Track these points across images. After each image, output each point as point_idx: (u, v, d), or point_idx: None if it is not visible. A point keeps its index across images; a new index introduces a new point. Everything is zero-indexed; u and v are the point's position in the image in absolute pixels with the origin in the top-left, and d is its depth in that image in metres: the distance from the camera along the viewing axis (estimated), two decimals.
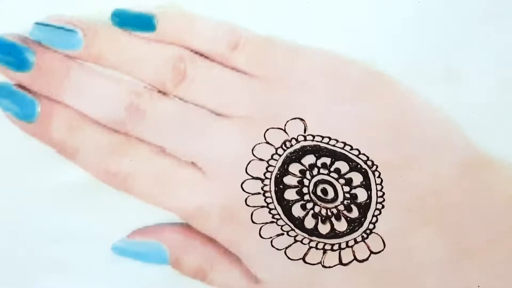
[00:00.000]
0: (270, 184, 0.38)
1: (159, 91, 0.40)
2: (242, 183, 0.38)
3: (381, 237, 0.37)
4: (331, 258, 0.36)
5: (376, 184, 0.38)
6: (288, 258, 0.37)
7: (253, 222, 0.37)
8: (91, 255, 0.37)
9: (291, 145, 0.39)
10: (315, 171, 0.38)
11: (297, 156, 0.38)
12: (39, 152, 0.39)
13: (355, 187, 0.38)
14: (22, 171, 0.38)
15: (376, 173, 0.38)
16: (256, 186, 0.38)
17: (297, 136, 0.39)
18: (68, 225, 0.37)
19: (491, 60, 0.40)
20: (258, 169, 0.38)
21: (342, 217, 0.37)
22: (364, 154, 0.38)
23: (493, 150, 0.39)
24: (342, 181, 0.38)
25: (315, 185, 0.38)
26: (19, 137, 0.39)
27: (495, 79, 0.40)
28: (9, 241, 0.37)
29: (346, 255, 0.37)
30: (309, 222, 0.37)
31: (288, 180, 0.38)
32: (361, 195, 0.38)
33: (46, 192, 0.38)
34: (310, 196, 0.37)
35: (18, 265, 0.36)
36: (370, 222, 0.37)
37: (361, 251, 0.37)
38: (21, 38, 0.41)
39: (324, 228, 0.37)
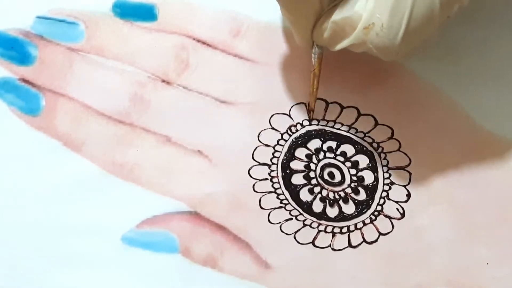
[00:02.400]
0: (277, 170, 0.38)
1: (163, 81, 0.40)
2: (249, 169, 0.38)
3: (389, 218, 0.36)
4: (340, 241, 0.37)
5: (383, 166, 0.38)
6: (298, 242, 0.37)
7: (261, 207, 0.38)
8: (101, 246, 0.37)
9: (297, 130, 0.39)
10: (321, 155, 0.38)
11: (303, 141, 0.39)
12: (45, 146, 0.38)
13: (362, 170, 0.38)
14: (29, 165, 0.39)
15: (382, 155, 0.38)
16: (263, 172, 0.38)
17: (302, 121, 0.39)
18: (77, 217, 0.38)
19: (493, 39, 0.40)
20: (264, 155, 0.39)
21: (349, 200, 0.37)
22: (369, 137, 0.38)
23: (497, 129, 0.39)
24: (348, 164, 0.38)
25: (322, 169, 0.38)
26: (25, 131, 0.39)
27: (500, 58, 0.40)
28: (18, 235, 0.37)
29: (355, 238, 0.37)
30: (317, 206, 0.38)
31: (295, 165, 0.38)
32: (368, 177, 0.38)
33: (53, 185, 0.39)
34: (317, 180, 0.38)
35: (28, 258, 0.37)
36: (378, 204, 0.37)
37: (370, 233, 0.37)
38: (23, 32, 0.42)
39: (332, 212, 0.38)
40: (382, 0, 0.32)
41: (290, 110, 0.40)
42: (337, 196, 0.38)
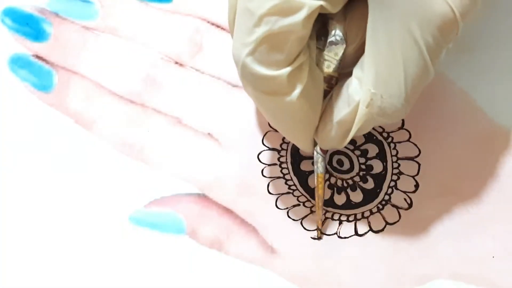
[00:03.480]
0: (286, 155, 0.38)
1: (176, 63, 0.41)
2: (258, 154, 0.38)
3: (396, 208, 0.36)
4: (347, 228, 0.37)
5: (392, 156, 0.38)
6: (304, 228, 0.38)
7: (269, 193, 0.38)
8: (109, 226, 0.38)
9: None
10: None
11: None
12: (56, 123, 0.39)
13: (371, 159, 0.38)
14: (40, 141, 0.39)
15: (392, 145, 0.38)
16: (272, 157, 0.38)
17: None
18: (86, 195, 0.39)
19: (506, 31, 0.40)
20: (274, 140, 0.38)
21: (357, 188, 0.37)
22: (379, 126, 0.38)
23: (508, 122, 0.39)
24: (357, 152, 0.38)
25: (331, 156, 0.37)
26: (37, 107, 0.39)
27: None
28: (26, 211, 0.38)
29: (362, 226, 0.38)
30: (325, 193, 0.38)
31: None
32: (377, 166, 0.38)
33: (63, 163, 0.39)
34: (326, 167, 0.37)
35: (35, 235, 0.37)
36: (386, 193, 0.37)
37: (376, 222, 0.38)
38: (38, 9, 0.42)
39: (339, 199, 0.38)
40: (375, 77, 0.31)
41: None
42: (345, 184, 0.38)
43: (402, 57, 0.31)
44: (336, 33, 0.33)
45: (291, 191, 0.38)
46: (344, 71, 0.34)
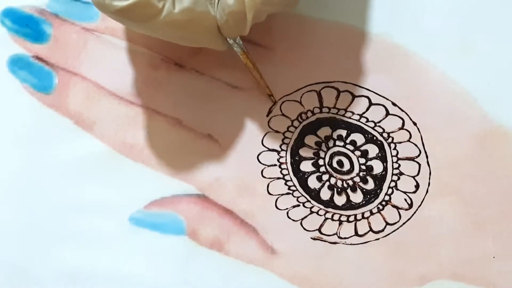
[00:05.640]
0: (286, 156, 0.38)
1: (176, 64, 0.40)
2: (258, 155, 0.38)
3: (397, 209, 0.36)
4: (347, 229, 0.38)
5: (392, 156, 0.38)
6: (304, 229, 0.38)
7: (269, 193, 0.39)
8: (109, 226, 0.38)
9: (307, 117, 0.39)
10: (331, 143, 0.38)
11: (312, 128, 0.38)
12: (56, 124, 0.39)
13: (371, 159, 0.38)
14: (40, 143, 0.39)
15: (392, 145, 0.37)
16: (272, 157, 0.38)
17: (313, 108, 0.39)
18: (86, 196, 0.39)
19: (507, 31, 0.39)
20: (274, 141, 0.38)
21: (358, 189, 0.37)
22: (380, 126, 0.38)
23: (509, 122, 0.39)
24: (358, 153, 0.38)
25: (331, 157, 0.38)
26: (36, 108, 0.39)
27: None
28: (28, 213, 0.38)
29: (362, 226, 0.38)
30: (325, 194, 0.38)
31: (304, 152, 0.38)
32: (377, 167, 0.39)
33: (63, 164, 0.40)
34: (326, 168, 0.38)
35: (37, 235, 0.37)
36: (386, 194, 0.37)
37: (376, 222, 0.38)
38: (38, 10, 0.42)
39: (340, 200, 0.38)
40: None
41: (301, 97, 0.39)
42: (345, 185, 0.38)
43: None
44: None
45: (290, 191, 0.38)
46: None
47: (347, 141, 0.39)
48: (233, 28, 0.36)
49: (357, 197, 0.38)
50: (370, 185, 0.38)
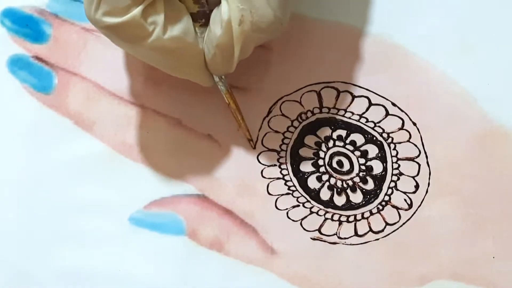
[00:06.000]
0: (286, 156, 0.38)
1: None
2: (258, 155, 0.38)
3: (396, 209, 0.36)
4: (347, 229, 0.38)
5: (392, 156, 0.38)
6: (304, 229, 0.38)
7: (269, 193, 0.39)
8: (109, 226, 0.38)
9: (307, 117, 0.39)
10: (330, 143, 0.38)
11: (312, 128, 0.38)
12: (56, 124, 0.39)
13: (371, 159, 0.38)
14: (40, 143, 0.39)
15: (392, 145, 0.37)
16: (272, 158, 0.38)
17: (313, 109, 0.39)
18: (86, 196, 0.39)
19: (507, 31, 0.39)
20: (274, 141, 0.38)
21: (357, 189, 0.38)
22: (379, 126, 0.38)
23: (509, 122, 0.39)
24: (357, 153, 0.38)
25: (331, 157, 0.38)
26: (36, 109, 0.39)
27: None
28: (27, 213, 0.38)
29: (362, 227, 0.38)
30: (325, 194, 0.39)
31: (304, 152, 0.38)
32: (377, 167, 0.39)
33: (63, 164, 0.40)
34: (325, 168, 0.38)
35: (36, 236, 0.37)
36: (386, 194, 0.37)
37: (376, 222, 0.38)
38: (38, 10, 0.42)
39: (339, 200, 0.38)
40: None
41: (301, 97, 0.39)
42: (345, 185, 0.38)
43: None
44: None
45: (290, 191, 0.38)
46: None
47: (347, 141, 0.39)
48: (220, 64, 0.35)
49: (357, 197, 0.38)
50: (370, 185, 0.38)
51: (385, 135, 0.39)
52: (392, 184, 0.38)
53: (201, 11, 0.35)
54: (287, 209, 0.38)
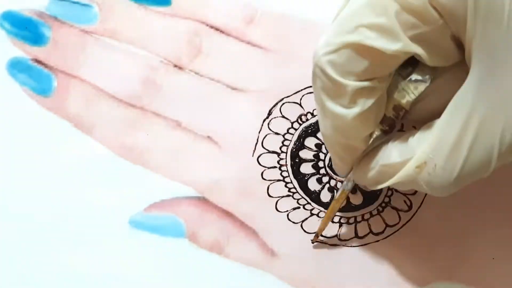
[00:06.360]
0: (286, 158, 0.38)
1: (175, 66, 0.41)
2: (258, 157, 0.38)
3: (396, 210, 0.36)
4: (347, 231, 0.37)
5: None
6: (304, 231, 0.38)
7: (269, 195, 0.39)
8: (108, 229, 0.38)
9: (307, 119, 0.39)
10: None
11: (313, 130, 0.39)
12: (55, 127, 0.39)
13: None
14: (39, 146, 0.40)
15: None
16: (272, 160, 0.39)
17: (313, 110, 0.39)
18: (85, 199, 0.39)
19: None
20: (274, 143, 0.39)
21: (357, 191, 0.37)
22: None
23: None
24: None
25: (330, 158, 0.37)
26: (36, 111, 0.39)
27: None
28: (27, 216, 0.38)
29: (362, 228, 0.38)
30: (325, 196, 0.39)
31: (304, 154, 0.39)
32: None
33: (63, 167, 0.40)
34: (326, 170, 0.38)
35: (36, 238, 0.37)
36: (386, 195, 0.38)
37: (376, 224, 0.38)
38: (37, 13, 0.42)
39: None
40: (439, 143, 0.30)
41: (301, 99, 0.40)
42: None
43: (474, 140, 0.30)
44: (425, 76, 0.32)
45: (291, 193, 0.38)
46: (412, 117, 0.33)
47: None
48: (369, 178, 0.33)
49: (357, 199, 0.38)
50: None
51: None
52: None
53: (392, 119, 0.33)
54: (287, 211, 0.38)
